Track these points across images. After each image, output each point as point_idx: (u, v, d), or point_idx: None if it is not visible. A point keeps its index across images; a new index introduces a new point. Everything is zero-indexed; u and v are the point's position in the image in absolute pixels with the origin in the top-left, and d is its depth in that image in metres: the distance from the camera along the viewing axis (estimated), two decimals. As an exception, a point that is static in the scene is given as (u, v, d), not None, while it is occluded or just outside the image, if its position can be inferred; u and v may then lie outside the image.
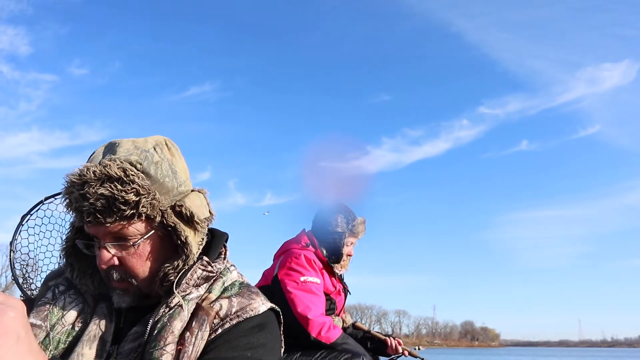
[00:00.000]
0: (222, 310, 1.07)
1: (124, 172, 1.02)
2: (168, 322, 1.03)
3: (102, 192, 1.00)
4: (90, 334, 1.05)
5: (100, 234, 1.05)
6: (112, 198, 1.01)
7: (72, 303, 1.11)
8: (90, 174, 1.02)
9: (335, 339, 2.57)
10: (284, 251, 2.85)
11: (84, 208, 1.01)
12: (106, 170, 1.02)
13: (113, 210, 1.01)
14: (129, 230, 1.05)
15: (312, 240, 2.86)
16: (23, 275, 2.35)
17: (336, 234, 2.85)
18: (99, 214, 1.01)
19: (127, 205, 1.02)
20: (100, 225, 1.03)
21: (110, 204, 1.01)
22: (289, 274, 2.68)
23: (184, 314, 1.05)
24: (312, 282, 2.67)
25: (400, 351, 2.87)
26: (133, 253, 1.07)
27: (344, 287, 2.96)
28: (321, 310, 2.67)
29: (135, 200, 1.02)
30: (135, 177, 1.03)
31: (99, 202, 1.00)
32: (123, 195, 1.01)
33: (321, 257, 2.80)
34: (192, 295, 1.09)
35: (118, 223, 1.03)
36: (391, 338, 2.90)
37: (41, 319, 1.07)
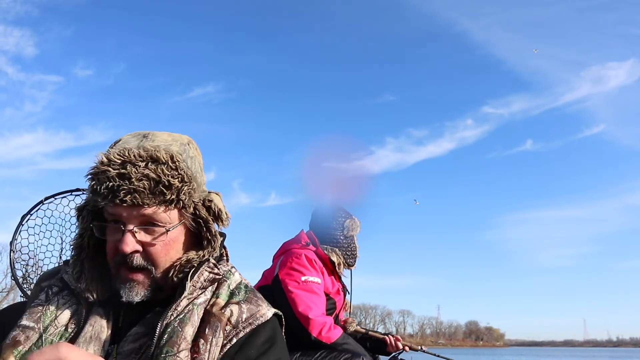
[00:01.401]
0: (233, 317, 1.06)
1: (171, 157, 1.04)
2: (179, 327, 1.02)
3: (148, 172, 1.01)
4: (86, 336, 1.04)
5: (128, 217, 1.03)
6: (157, 180, 1.01)
7: (66, 304, 1.09)
8: (135, 154, 1.03)
9: (335, 339, 2.57)
10: (284, 251, 2.85)
11: (123, 187, 1.00)
12: (154, 154, 1.03)
13: (155, 193, 1.02)
14: (162, 216, 1.05)
15: (313, 239, 2.86)
16: (23, 275, 2.36)
17: (350, 238, 2.91)
18: (138, 194, 1.00)
19: (170, 190, 1.03)
20: (134, 207, 1.02)
21: (153, 186, 1.01)
22: (290, 273, 2.69)
23: (194, 319, 1.04)
24: (313, 282, 2.67)
25: (401, 347, 2.87)
26: (161, 240, 1.06)
27: (343, 286, 2.96)
28: (322, 310, 2.67)
29: (178, 187, 1.04)
30: (181, 163, 1.05)
31: (141, 182, 1.00)
32: (169, 179, 1.02)
33: (322, 255, 2.81)
34: (200, 300, 1.08)
35: (155, 206, 1.03)
36: (390, 336, 2.90)
37: (34, 320, 1.05)
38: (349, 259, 2.90)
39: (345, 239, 2.90)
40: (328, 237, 2.88)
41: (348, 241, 2.91)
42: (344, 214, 2.96)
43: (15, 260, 2.30)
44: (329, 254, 2.82)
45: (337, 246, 2.87)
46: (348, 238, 2.91)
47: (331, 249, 2.85)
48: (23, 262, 2.36)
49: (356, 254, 2.95)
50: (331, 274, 2.86)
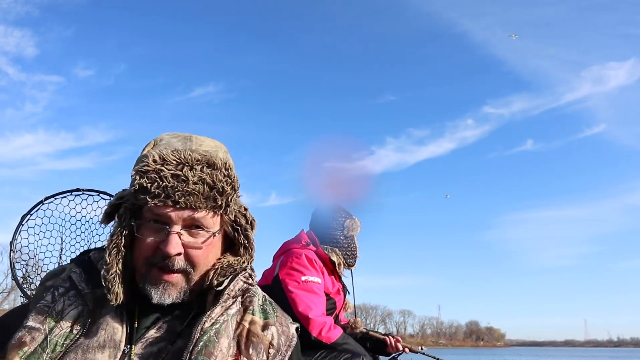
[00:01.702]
0: (274, 341, 1.10)
1: (224, 164, 1.07)
2: (215, 338, 1.02)
3: (204, 177, 1.03)
4: (100, 340, 1.01)
5: (176, 218, 1.03)
6: (211, 186, 1.03)
7: (72, 306, 1.06)
8: (192, 157, 1.04)
9: (335, 339, 2.57)
10: (284, 251, 2.85)
11: (178, 189, 1.00)
12: (211, 159, 1.05)
13: (208, 198, 1.03)
14: (209, 221, 1.06)
15: (313, 239, 2.86)
16: (24, 275, 2.36)
17: (350, 238, 2.91)
18: (193, 197, 1.01)
19: (222, 196, 1.05)
20: (184, 210, 1.02)
21: (208, 191, 1.03)
22: (290, 273, 2.69)
23: (229, 330, 1.05)
24: (313, 282, 2.67)
25: (401, 348, 2.87)
26: (206, 244, 1.07)
27: (344, 286, 2.96)
28: (322, 310, 2.67)
29: (230, 193, 1.06)
30: (232, 171, 1.08)
31: (197, 186, 1.02)
32: (223, 185, 1.04)
33: (322, 255, 2.80)
34: (232, 311, 1.09)
35: (205, 211, 1.04)
36: (390, 337, 2.90)
37: (40, 321, 1.03)
38: (349, 259, 2.90)
39: (346, 239, 2.90)
40: (328, 237, 2.88)
41: (348, 241, 2.90)
42: (344, 214, 2.96)
43: (15, 260, 2.30)
44: (329, 254, 2.82)
45: (337, 246, 2.87)
46: (348, 238, 2.91)
47: (331, 249, 2.85)
48: (23, 262, 2.37)
49: (356, 254, 2.94)
50: (331, 274, 2.86)
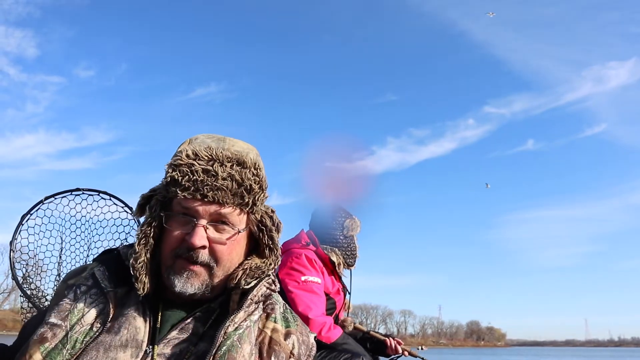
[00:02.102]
0: (295, 350, 1.12)
1: (254, 164, 1.11)
2: (238, 343, 1.04)
3: (233, 174, 1.07)
4: (122, 339, 1.03)
5: (204, 212, 1.06)
6: (239, 183, 1.07)
7: (93, 304, 1.08)
8: (222, 154, 1.08)
9: (335, 339, 2.57)
10: (284, 251, 2.85)
11: (207, 183, 1.05)
12: (241, 157, 1.09)
13: (235, 194, 1.07)
14: (235, 218, 1.09)
15: (313, 239, 2.86)
16: (24, 275, 2.36)
17: (349, 238, 2.91)
18: (221, 192, 1.05)
19: (249, 194, 1.08)
20: (212, 204, 1.06)
21: (236, 187, 1.07)
22: (290, 273, 2.68)
23: (252, 337, 1.07)
24: (313, 282, 2.66)
25: (400, 351, 2.86)
26: (231, 240, 1.09)
27: (343, 286, 2.96)
28: (322, 310, 2.67)
29: (257, 192, 1.10)
30: (261, 171, 1.12)
31: (226, 181, 1.06)
32: (251, 183, 1.08)
33: (322, 255, 2.80)
34: (255, 317, 1.11)
35: (232, 207, 1.08)
36: (390, 338, 2.89)
37: (61, 318, 1.05)
38: (348, 259, 2.90)
39: (345, 238, 2.90)
40: (328, 237, 2.88)
41: (348, 241, 2.90)
42: (344, 214, 2.95)
43: (15, 260, 2.30)
44: (328, 254, 2.82)
45: (336, 246, 2.87)
46: (348, 238, 2.91)
47: (331, 249, 2.85)
48: (23, 262, 2.37)
49: (356, 254, 2.94)
50: (331, 273, 2.85)
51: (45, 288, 2.41)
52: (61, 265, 2.41)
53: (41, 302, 2.31)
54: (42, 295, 2.37)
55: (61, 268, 2.40)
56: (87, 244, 2.43)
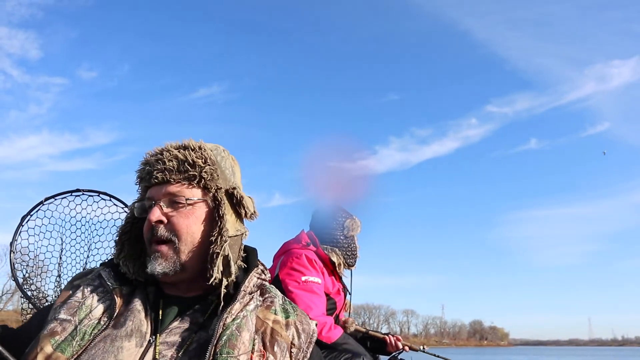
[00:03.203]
0: (295, 340, 1.18)
1: (199, 145, 1.25)
2: (237, 332, 1.10)
3: (177, 154, 1.21)
4: (127, 330, 1.10)
5: (159, 194, 1.19)
6: (183, 160, 1.20)
7: (100, 300, 1.16)
8: (171, 144, 1.25)
9: (336, 339, 2.56)
10: (284, 251, 2.85)
11: (157, 168, 1.20)
12: (185, 142, 1.25)
13: (180, 171, 1.20)
14: (186, 192, 1.21)
15: (313, 239, 2.86)
16: (24, 276, 2.36)
17: (350, 238, 2.90)
18: (167, 172, 1.19)
19: (193, 167, 1.21)
20: (163, 185, 1.20)
21: (180, 165, 1.20)
22: (290, 273, 2.68)
23: (249, 325, 1.13)
24: (313, 282, 2.66)
25: (401, 347, 2.86)
26: (183, 213, 1.19)
27: (344, 286, 2.95)
28: (322, 310, 2.67)
29: (201, 165, 1.21)
30: (207, 151, 1.24)
31: (171, 162, 1.20)
32: (193, 158, 1.21)
33: (322, 255, 2.80)
34: (251, 307, 1.17)
35: (180, 183, 1.20)
36: (390, 336, 2.89)
37: (70, 314, 1.13)
38: (349, 259, 2.89)
39: (346, 239, 2.89)
40: (328, 237, 2.87)
41: (348, 241, 2.90)
42: (344, 214, 2.95)
43: (15, 261, 2.30)
44: (329, 254, 2.81)
45: (337, 246, 2.86)
46: (348, 238, 2.90)
47: (331, 249, 2.84)
48: (24, 263, 2.37)
49: (356, 254, 2.93)
50: (332, 274, 2.85)
51: (46, 289, 2.41)
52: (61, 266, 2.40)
53: (42, 303, 2.31)
54: (43, 297, 2.37)
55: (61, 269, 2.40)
56: (87, 245, 2.43)
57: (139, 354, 1.07)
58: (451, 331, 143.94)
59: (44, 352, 1.05)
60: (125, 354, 1.06)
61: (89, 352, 1.06)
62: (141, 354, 1.07)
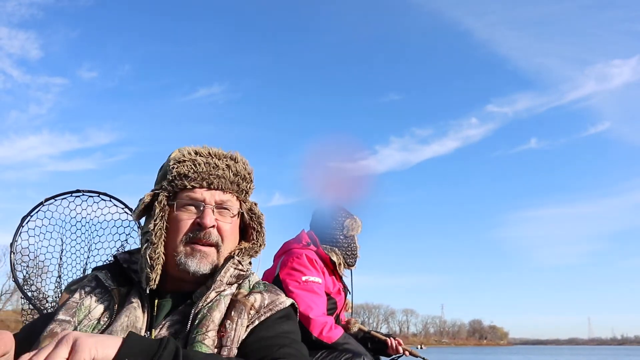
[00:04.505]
0: (256, 303, 1.20)
1: (243, 159, 1.32)
2: (208, 313, 1.14)
3: (230, 165, 1.28)
4: (123, 325, 1.13)
5: (209, 198, 1.24)
6: (235, 173, 1.28)
7: (99, 301, 1.19)
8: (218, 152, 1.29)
9: (336, 339, 2.56)
10: (285, 251, 2.85)
11: (211, 172, 1.24)
12: (233, 154, 1.31)
13: (234, 182, 1.27)
14: (232, 203, 1.28)
15: (314, 239, 2.86)
16: (24, 277, 2.36)
17: (350, 238, 2.90)
18: (223, 179, 1.25)
19: (244, 182, 1.29)
20: (215, 192, 1.25)
21: (232, 177, 1.27)
22: (291, 273, 2.68)
23: (221, 306, 1.17)
24: (313, 282, 2.66)
25: (401, 351, 2.85)
26: (232, 221, 1.27)
27: (344, 286, 2.95)
28: (323, 310, 2.66)
29: (249, 182, 1.31)
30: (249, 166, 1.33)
31: (225, 172, 1.26)
32: (245, 174, 1.30)
33: (323, 255, 2.80)
34: (226, 292, 1.21)
35: (230, 194, 1.27)
36: (391, 338, 2.89)
37: (70, 315, 1.15)
38: (349, 258, 2.89)
39: (346, 238, 2.89)
40: (328, 237, 2.87)
41: (348, 241, 2.89)
42: (345, 214, 2.95)
43: (15, 261, 2.30)
44: (329, 254, 2.81)
45: (337, 246, 2.86)
46: (348, 238, 2.90)
47: (331, 249, 2.84)
48: (24, 264, 2.37)
49: (356, 254, 2.93)
50: (332, 273, 2.85)
51: (46, 290, 2.41)
52: (62, 266, 2.41)
53: (42, 303, 2.31)
54: (43, 297, 2.37)
55: (62, 269, 2.41)
56: (87, 246, 2.43)
57: None
58: (451, 330, 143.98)
59: None
60: None
61: None
62: None
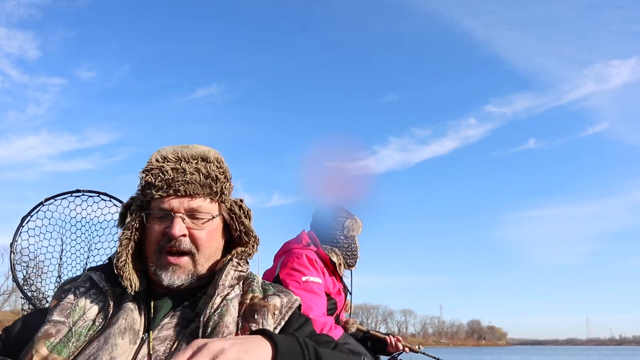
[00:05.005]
0: (277, 304, 1.20)
1: (216, 158, 1.25)
2: (219, 320, 1.13)
3: (199, 168, 1.20)
4: (120, 327, 1.11)
5: (178, 206, 1.19)
6: (206, 175, 1.20)
7: (93, 302, 1.17)
8: (188, 153, 1.23)
9: (336, 339, 2.56)
10: (285, 251, 2.85)
11: (178, 180, 1.18)
12: (205, 154, 1.24)
13: (204, 185, 1.20)
14: (207, 207, 1.22)
15: (314, 239, 2.86)
16: (24, 277, 2.36)
17: (350, 239, 2.90)
18: (190, 185, 1.18)
19: (216, 184, 1.22)
20: (184, 198, 1.19)
21: (203, 180, 1.20)
22: (291, 273, 2.68)
23: (231, 310, 1.16)
24: (313, 282, 2.66)
25: (401, 348, 2.86)
26: (202, 226, 1.20)
27: (344, 286, 2.96)
28: (322, 310, 2.67)
29: (223, 182, 1.23)
30: (224, 164, 1.27)
31: (194, 176, 1.19)
32: (217, 174, 1.22)
33: (323, 255, 2.80)
34: (231, 295, 1.20)
35: (202, 198, 1.21)
36: (391, 336, 2.89)
37: (64, 316, 1.14)
38: (349, 259, 2.89)
39: (346, 239, 2.89)
40: (328, 237, 2.87)
41: (349, 241, 2.89)
42: (345, 214, 2.95)
43: (15, 261, 2.30)
44: (329, 254, 2.81)
45: (337, 246, 2.86)
46: (349, 238, 2.90)
47: (331, 249, 2.84)
48: (24, 264, 2.37)
49: (357, 255, 2.93)
50: (332, 274, 2.85)
51: (46, 290, 2.41)
52: (62, 266, 2.40)
53: (42, 303, 2.31)
54: (43, 297, 2.37)
55: (62, 269, 2.40)
56: (87, 246, 2.43)
57: (133, 350, 1.09)
58: (449, 331, 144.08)
59: (40, 355, 1.06)
60: (119, 351, 1.07)
61: (84, 352, 1.08)
62: (135, 350, 1.09)
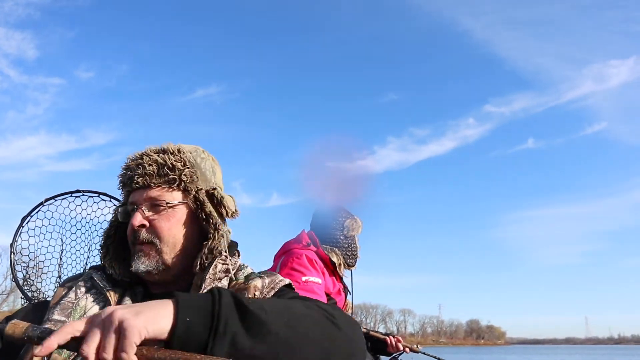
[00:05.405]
0: (258, 285, 1.20)
1: (178, 149, 1.27)
2: None
3: (156, 159, 1.24)
4: None
5: (140, 199, 1.23)
6: (162, 164, 1.23)
7: (94, 302, 1.18)
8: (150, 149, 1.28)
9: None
10: (285, 251, 2.84)
11: (137, 173, 1.23)
12: (164, 146, 1.28)
13: (160, 175, 1.23)
14: (167, 196, 1.23)
15: (314, 239, 2.85)
16: (24, 277, 2.35)
17: (350, 239, 2.90)
18: (147, 176, 1.22)
19: (173, 171, 1.23)
20: (144, 190, 1.23)
21: (160, 169, 1.23)
22: (291, 273, 2.67)
23: None
24: (313, 282, 2.66)
25: (401, 348, 2.86)
26: (164, 216, 1.22)
27: (344, 286, 2.95)
28: (322, 310, 2.66)
29: (181, 169, 1.24)
30: (186, 154, 1.27)
31: (151, 167, 1.23)
32: (172, 162, 1.24)
33: (323, 255, 2.80)
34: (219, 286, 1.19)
35: (160, 187, 1.23)
36: (390, 336, 2.90)
37: (65, 315, 1.14)
38: (349, 259, 2.89)
39: (346, 239, 2.89)
40: (328, 237, 2.87)
41: (348, 241, 2.89)
42: (345, 214, 2.95)
43: (15, 262, 2.29)
44: (329, 254, 2.81)
45: (337, 246, 2.86)
46: (348, 238, 2.90)
47: (331, 249, 2.84)
48: (24, 264, 2.36)
49: (357, 254, 2.92)
50: (332, 274, 2.85)
51: (46, 290, 2.40)
52: (62, 267, 2.39)
53: (42, 304, 2.30)
54: (43, 297, 2.36)
55: (62, 270, 2.39)
56: (87, 246, 2.42)
57: None
58: (448, 330, 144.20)
59: None
60: None
61: None
62: None
